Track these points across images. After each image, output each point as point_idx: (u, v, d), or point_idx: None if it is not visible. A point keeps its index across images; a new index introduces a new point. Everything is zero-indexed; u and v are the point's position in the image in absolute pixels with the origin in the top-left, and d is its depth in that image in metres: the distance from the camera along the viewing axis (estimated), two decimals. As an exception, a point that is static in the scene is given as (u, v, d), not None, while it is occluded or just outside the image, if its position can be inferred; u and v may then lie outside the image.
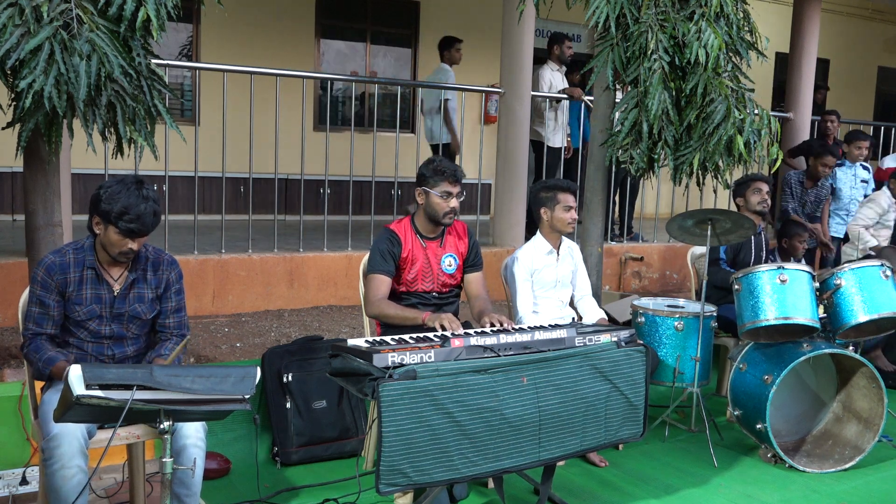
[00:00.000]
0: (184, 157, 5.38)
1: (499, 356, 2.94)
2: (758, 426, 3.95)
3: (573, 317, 4.19)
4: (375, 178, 6.12)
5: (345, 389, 3.68)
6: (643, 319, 4.39)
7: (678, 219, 4.36)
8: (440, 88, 6.88)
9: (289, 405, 3.91)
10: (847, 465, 4.01)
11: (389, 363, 2.73)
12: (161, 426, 2.25)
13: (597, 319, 4.16)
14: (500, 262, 4.34)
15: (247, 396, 2.28)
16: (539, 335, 3.10)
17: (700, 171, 4.52)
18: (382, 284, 3.54)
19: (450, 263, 3.69)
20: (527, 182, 6.62)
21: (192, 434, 2.76)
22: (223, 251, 5.41)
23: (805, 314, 4.00)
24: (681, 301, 4.63)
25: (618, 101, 4.64)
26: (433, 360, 2.81)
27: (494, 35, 6.98)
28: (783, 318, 4.00)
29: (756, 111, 4.58)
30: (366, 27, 9.30)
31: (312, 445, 3.90)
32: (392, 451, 2.67)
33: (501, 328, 3.24)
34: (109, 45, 3.12)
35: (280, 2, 8.65)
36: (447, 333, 3.10)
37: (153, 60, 3.43)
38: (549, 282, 4.09)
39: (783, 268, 4.09)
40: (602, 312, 4.28)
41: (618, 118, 4.56)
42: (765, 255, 5.06)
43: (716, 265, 4.82)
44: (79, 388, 2.08)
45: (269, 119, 5.69)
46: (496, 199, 6.76)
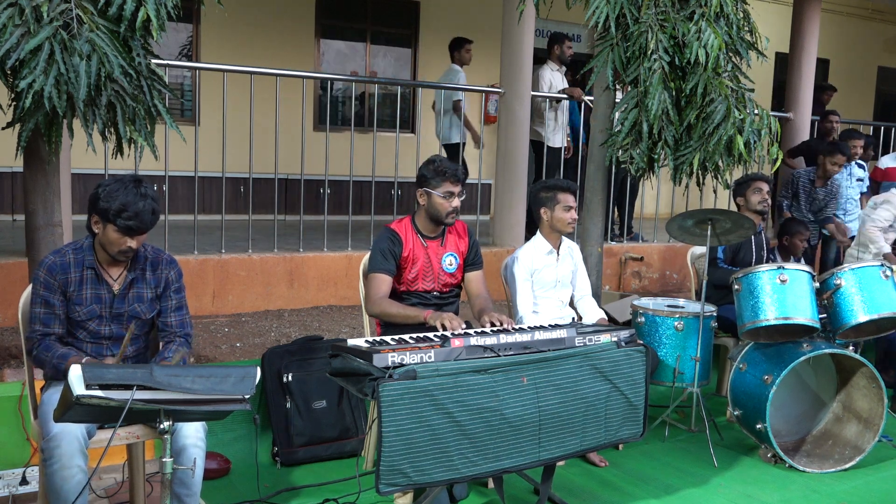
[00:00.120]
0: (184, 157, 5.37)
1: (499, 356, 2.94)
2: (758, 426, 3.95)
3: (573, 317, 4.19)
4: (375, 178, 6.12)
5: (345, 389, 3.68)
6: (643, 319, 4.39)
7: (678, 219, 4.36)
8: (440, 89, 6.88)
9: (289, 405, 3.91)
10: (847, 465, 4.01)
11: (389, 363, 2.73)
12: (161, 426, 2.25)
13: (597, 319, 4.16)
14: (500, 262, 4.34)
15: (247, 396, 2.28)
16: (539, 335, 3.10)
17: (700, 171, 4.52)
18: (384, 283, 3.54)
19: (450, 263, 3.70)
20: (527, 182, 6.63)
21: (192, 434, 2.76)
22: (223, 251, 5.41)
23: (805, 314, 4.01)
24: (681, 301, 4.63)
25: (618, 101, 4.65)
26: (433, 360, 2.81)
27: (494, 35, 6.98)
28: (783, 319, 4.00)
29: (756, 111, 4.58)
30: (366, 27, 9.30)
31: (312, 445, 3.90)
32: (392, 451, 2.67)
33: (501, 328, 3.24)
34: (109, 45, 3.12)
35: (280, 2, 8.65)
36: (447, 333, 3.10)
37: (153, 60, 3.43)
38: (549, 282, 4.09)
39: (783, 268, 4.09)
40: (602, 312, 4.28)
41: (618, 118, 4.56)
42: (765, 255, 5.06)
43: (713, 265, 4.82)
44: (79, 388, 2.07)
45: (269, 119, 5.69)
46: (496, 199, 6.76)
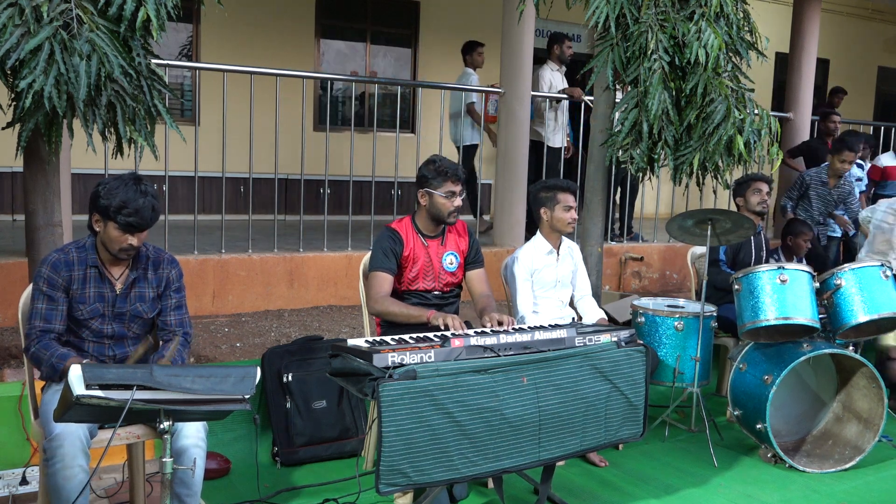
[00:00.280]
0: (184, 157, 5.37)
1: (499, 356, 2.94)
2: (758, 426, 3.95)
3: (573, 317, 4.19)
4: (375, 178, 6.12)
5: (345, 389, 3.68)
6: (643, 319, 4.39)
7: (678, 219, 4.36)
8: (440, 89, 6.87)
9: (289, 405, 3.91)
10: (847, 465, 4.01)
11: (389, 363, 2.73)
12: (161, 426, 2.26)
13: (597, 319, 4.16)
14: (500, 262, 4.34)
15: (247, 396, 2.29)
16: (539, 335, 3.10)
17: (700, 171, 4.53)
18: (385, 282, 3.55)
19: (451, 262, 3.70)
20: (527, 182, 6.63)
21: (193, 434, 2.76)
22: (223, 251, 5.41)
23: (805, 314, 4.00)
24: (681, 301, 4.63)
25: (618, 101, 4.65)
26: (433, 360, 2.81)
27: (494, 35, 6.98)
28: (783, 319, 4.00)
29: (756, 111, 4.59)
30: (366, 27, 9.30)
31: (312, 445, 3.90)
32: (392, 451, 2.67)
33: (501, 328, 3.24)
34: (109, 45, 3.12)
35: (280, 2, 8.65)
36: (447, 334, 3.10)
37: (153, 60, 3.43)
38: (549, 282, 4.09)
39: (783, 268, 4.09)
40: (602, 312, 4.28)
41: (618, 118, 4.56)
42: (765, 255, 5.06)
43: (716, 266, 4.82)
44: (79, 388, 2.07)
45: (269, 119, 5.69)
46: (496, 199, 6.76)
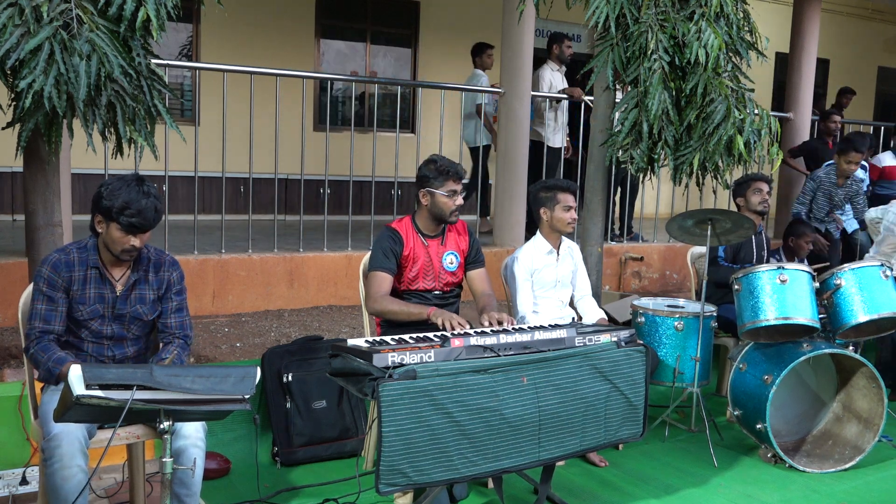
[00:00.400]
0: (184, 157, 5.37)
1: (499, 356, 2.94)
2: (758, 426, 3.95)
3: (573, 317, 4.19)
4: (375, 178, 6.12)
5: (345, 389, 3.68)
6: (643, 319, 4.39)
7: (678, 219, 4.36)
8: (440, 88, 6.86)
9: (289, 405, 3.91)
10: (847, 465, 4.01)
11: (389, 363, 2.73)
12: (161, 426, 2.26)
13: (597, 319, 4.16)
14: (500, 262, 4.34)
15: (247, 396, 2.29)
16: (539, 335, 3.10)
17: (700, 171, 4.52)
18: (385, 281, 3.54)
19: (451, 261, 3.70)
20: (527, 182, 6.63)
21: (192, 434, 2.76)
22: (223, 251, 5.41)
23: (805, 314, 4.00)
24: (681, 301, 4.63)
25: (618, 101, 4.65)
26: (433, 360, 2.81)
27: (494, 35, 6.98)
28: (783, 319, 4.00)
29: (756, 111, 4.58)
30: (366, 27, 9.30)
31: (312, 445, 3.90)
32: (392, 451, 2.67)
33: (501, 328, 3.24)
34: (109, 45, 3.12)
35: (280, 2, 8.65)
36: (447, 333, 3.09)
37: (153, 60, 3.43)
38: (549, 282, 4.09)
39: (783, 268, 4.09)
40: (602, 312, 4.28)
41: (618, 118, 4.56)
42: (765, 255, 5.06)
43: (714, 263, 4.82)
44: (79, 388, 2.07)
45: (269, 119, 5.69)
46: (496, 199, 6.76)
